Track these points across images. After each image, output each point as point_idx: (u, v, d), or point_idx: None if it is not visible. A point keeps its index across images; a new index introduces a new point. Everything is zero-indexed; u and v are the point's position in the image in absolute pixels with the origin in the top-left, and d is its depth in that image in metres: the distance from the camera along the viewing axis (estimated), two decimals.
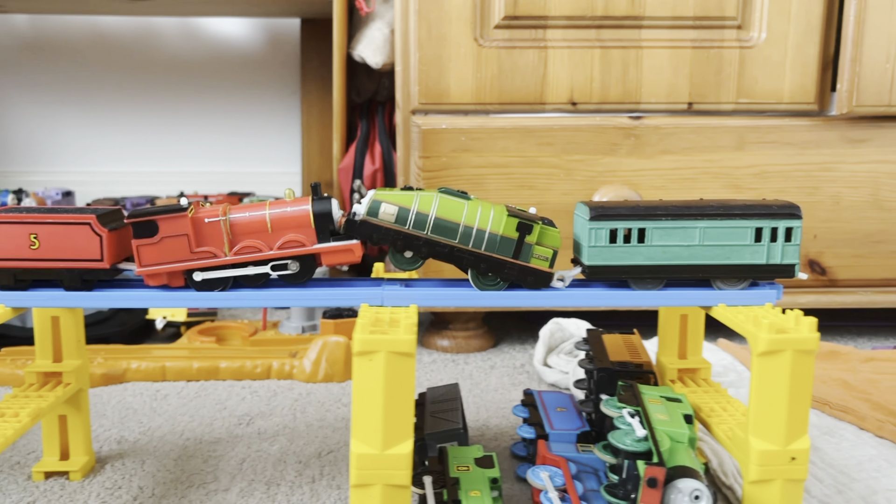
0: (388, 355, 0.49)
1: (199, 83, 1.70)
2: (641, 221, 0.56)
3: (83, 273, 0.55)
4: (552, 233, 0.56)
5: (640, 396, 0.58)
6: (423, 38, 0.97)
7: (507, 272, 0.55)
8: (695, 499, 0.47)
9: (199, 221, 0.55)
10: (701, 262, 0.56)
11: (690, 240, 0.56)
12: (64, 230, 0.55)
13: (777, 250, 0.57)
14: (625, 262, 0.56)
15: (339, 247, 0.56)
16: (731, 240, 0.56)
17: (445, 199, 0.55)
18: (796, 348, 0.50)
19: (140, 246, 0.54)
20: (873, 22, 0.95)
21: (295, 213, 0.55)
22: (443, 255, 0.55)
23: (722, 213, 0.56)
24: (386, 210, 0.55)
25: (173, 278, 0.55)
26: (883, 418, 0.78)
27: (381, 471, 0.50)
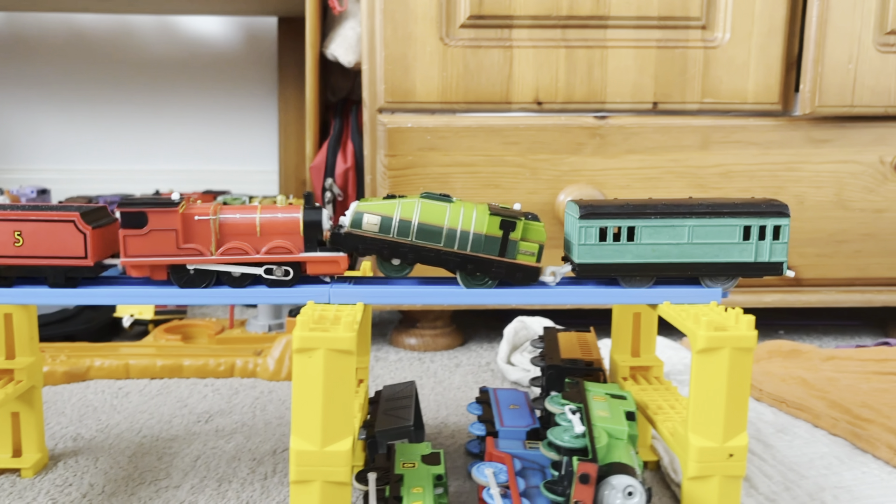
0: (327, 352, 0.49)
1: (176, 81, 1.70)
2: (631, 220, 0.56)
3: (67, 270, 0.55)
4: (536, 227, 0.57)
5: (584, 393, 0.58)
6: (388, 36, 0.97)
7: (494, 270, 0.56)
8: (628, 495, 0.48)
9: (188, 218, 0.55)
10: (690, 261, 0.57)
11: (679, 238, 0.57)
12: (48, 227, 0.55)
13: (765, 248, 0.57)
14: (614, 261, 0.57)
15: (325, 258, 0.56)
16: (720, 238, 0.57)
17: (427, 204, 0.56)
18: (734, 346, 0.50)
19: (127, 236, 0.54)
20: (835, 23, 0.96)
21: (285, 220, 0.56)
22: (430, 260, 0.56)
23: (710, 212, 0.56)
24: (369, 220, 0.55)
25: (156, 272, 0.55)
26: (838, 416, 0.79)
27: (321, 467, 0.50)
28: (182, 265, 0.55)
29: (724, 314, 0.53)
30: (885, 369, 0.92)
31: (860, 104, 0.98)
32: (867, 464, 0.70)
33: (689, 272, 0.57)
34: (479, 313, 1.21)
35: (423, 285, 0.59)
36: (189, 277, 0.56)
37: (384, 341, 1.12)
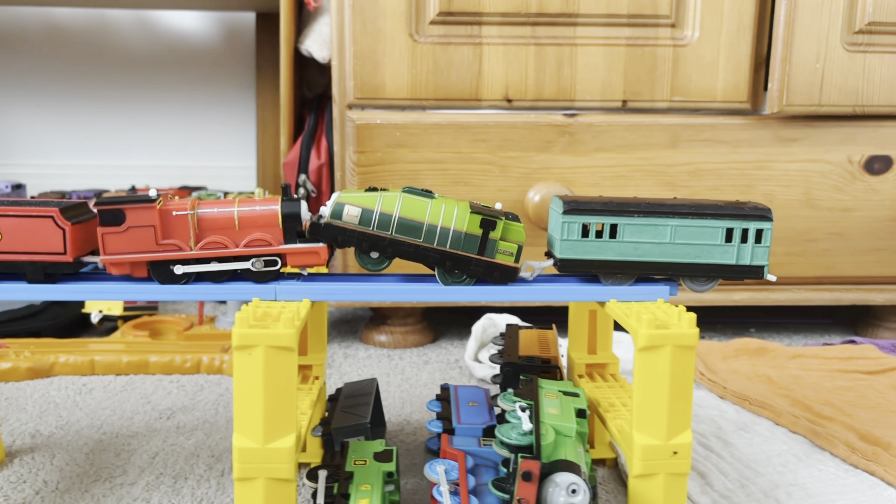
0: (267, 349, 0.49)
1: (153, 77, 1.69)
2: (614, 217, 0.56)
3: (46, 266, 0.55)
4: (516, 228, 0.57)
5: (536, 391, 0.58)
6: (357, 32, 0.97)
7: (472, 268, 0.56)
8: (571, 492, 0.48)
9: (166, 214, 0.55)
10: (671, 260, 0.57)
11: (661, 237, 0.56)
12: (27, 223, 0.54)
13: (747, 251, 0.57)
14: (596, 257, 0.57)
15: (305, 248, 0.56)
16: (702, 239, 0.57)
17: (409, 199, 0.55)
18: (676, 343, 0.50)
19: (105, 234, 0.54)
20: (803, 22, 0.96)
21: (263, 213, 0.55)
22: (409, 255, 0.56)
23: (693, 213, 0.56)
24: (350, 212, 0.55)
25: (136, 268, 0.55)
26: (799, 414, 0.79)
27: (264, 465, 0.50)
28: (162, 261, 0.55)
29: (668, 312, 0.53)
30: (849, 367, 0.93)
31: (828, 103, 0.99)
32: (824, 461, 0.70)
33: (670, 272, 0.57)
34: (452, 310, 1.21)
35: (373, 282, 0.59)
36: (169, 274, 0.55)
37: (355, 338, 1.12)
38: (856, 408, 0.81)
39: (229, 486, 0.65)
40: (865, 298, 1.07)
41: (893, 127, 1.02)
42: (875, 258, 1.06)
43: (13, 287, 0.56)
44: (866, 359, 0.94)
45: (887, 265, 1.06)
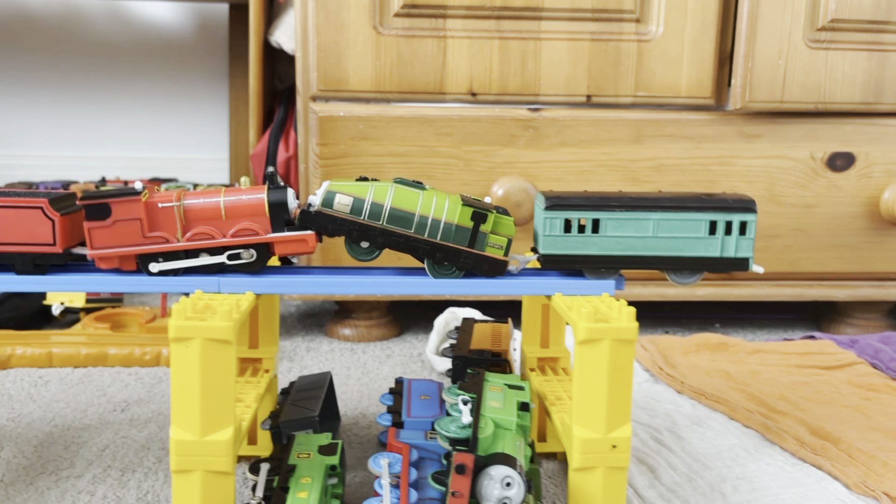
0: (203, 342, 0.48)
1: (126, 68, 1.67)
2: (596, 212, 0.56)
3: (35, 257, 0.55)
4: (506, 221, 0.57)
5: (481, 384, 0.58)
6: (321, 24, 0.96)
7: (462, 261, 0.56)
8: (506, 486, 0.48)
9: (152, 206, 0.54)
10: (654, 254, 0.57)
11: (644, 231, 0.56)
12: (15, 214, 0.54)
13: (731, 244, 0.57)
14: (579, 252, 0.57)
15: (293, 237, 0.55)
16: (685, 232, 0.57)
17: (400, 190, 0.55)
18: (614, 337, 0.50)
19: (92, 228, 0.54)
20: (766, 19, 0.97)
21: (250, 202, 0.55)
22: (399, 245, 0.56)
23: (676, 206, 0.56)
24: (341, 201, 0.55)
25: (125, 262, 0.55)
26: (753, 408, 0.80)
27: (201, 457, 0.50)
28: (150, 254, 0.55)
29: (609, 306, 0.53)
30: (807, 363, 0.93)
31: (790, 100, 0.99)
32: (773, 456, 0.71)
33: (654, 266, 0.57)
34: (418, 304, 1.21)
35: (317, 275, 0.58)
36: (156, 265, 0.55)
37: (320, 332, 1.11)
38: (810, 402, 0.82)
39: None
40: (827, 294, 1.08)
41: (855, 124, 1.02)
42: (837, 254, 1.06)
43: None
44: (824, 354, 0.95)
45: (849, 261, 1.07)
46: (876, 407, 0.81)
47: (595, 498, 0.52)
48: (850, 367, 0.92)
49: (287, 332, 1.11)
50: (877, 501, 0.62)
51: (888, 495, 0.62)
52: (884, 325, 1.14)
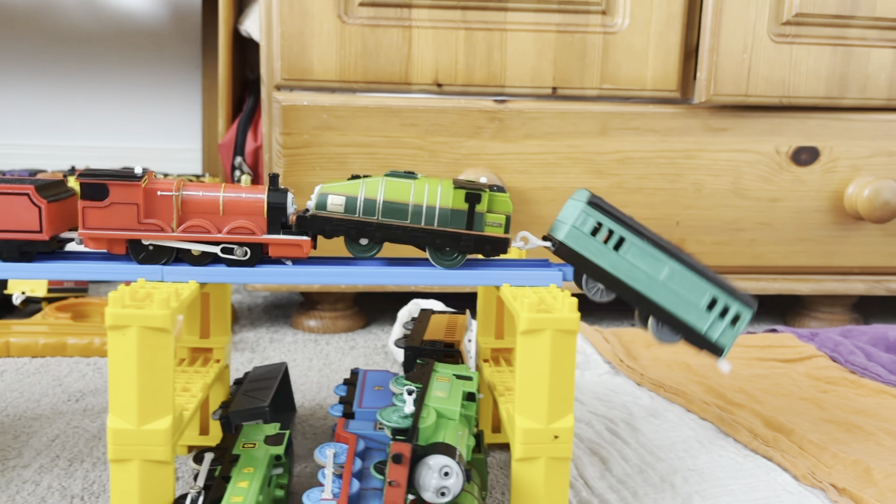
0: (140, 330, 0.48)
1: (97, 56, 1.66)
2: (627, 231, 0.56)
3: (21, 244, 0.54)
4: (502, 198, 0.56)
5: (429, 374, 0.58)
6: (285, 12, 0.95)
7: (463, 244, 0.56)
8: (444, 475, 0.47)
9: (151, 193, 0.54)
10: (653, 298, 0.57)
11: (657, 272, 0.56)
12: (1, 200, 0.53)
13: (718, 327, 0.57)
14: (593, 259, 0.56)
15: (288, 240, 0.55)
16: (689, 293, 0.57)
17: (392, 182, 0.55)
18: (556, 328, 0.50)
19: (87, 208, 0.53)
20: (731, 12, 0.97)
21: (249, 200, 0.55)
22: (397, 237, 0.55)
23: (693, 266, 0.57)
24: (333, 201, 0.55)
25: (115, 245, 0.54)
26: (710, 401, 0.80)
27: (138, 446, 0.49)
28: (139, 240, 0.54)
29: (554, 296, 0.53)
30: (767, 355, 0.94)
31: (755, 94, 0.99)
32: (726, 447, 0.71)
33: (647, 310, 0.57)
34: (385, 296, 1.21)
35: (266, 265, 0.58)
36: (148, 253, 0.55)
37: (286, 323, 1.11)
38: (768, 395, 0.82)
39: None
40: (792, 288, 1.09)
41: (820, 118, 1.03)
42: (801, 248, 1.07)
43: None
44: (784, 347, 0.95)
45: (813, 255, 1.07)
46: (832, 399, 0.82)
47: (537, 488, 0.52)
48: (809, 360, 0.93)
49: (252, 323, 1.10)
50: (823, 492, 0.62)
51: (835, 486, 0.62)
52: (847, 318, 1.14)
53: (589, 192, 0.57)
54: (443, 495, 0.47)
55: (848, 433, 0.73)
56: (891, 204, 1.01)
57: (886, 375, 0.86)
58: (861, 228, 1.07)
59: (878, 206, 1.01)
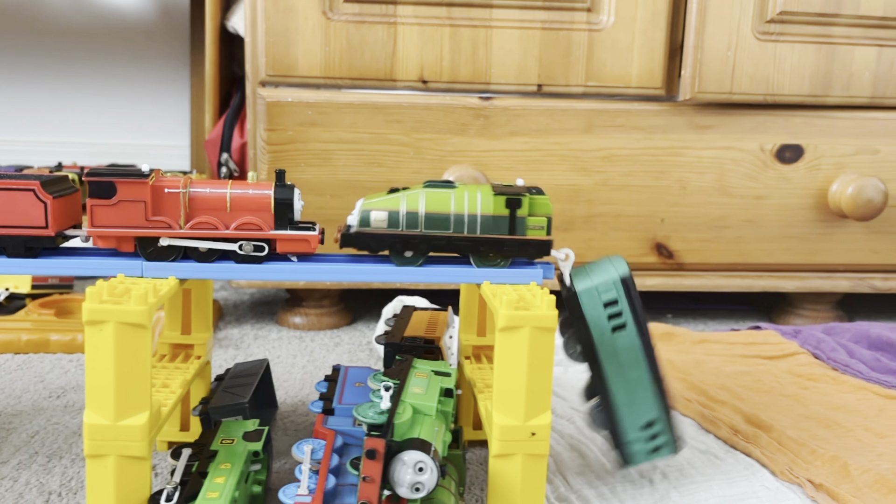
0: (118, 325, 0.48)
1: (85, 52, 1.65)
2: (633, 322, 0.57)
3: (27, 240, 0.54)
4: (542, 201, 0.56)
5: (407, 370, 0.58)
6: (269, 8, 0.95)
7: (507, 249, 0.56)
8: (419, 470, 0.48)
9: (158, 190, 0.54)
10: (611, 388, 0.58)
11: (629, 370, 0.58)
12: (7, 196, 0.53)
13: (640, 445, 0.60)
14: (591, 325, 0.57)
15: (297, 235, 0.55)
16: (641, 402, 0.59)
17: (432, 193, 0.56)
18: (534, 325, 0.50)
19: (95, 206, 0.53)
20: (715, 10, 0.97)
21: (256, 196, 0.55)
22: (441, 247, 0.56)
23: (659, 384, 0.59)
24: (377, 217, 0.55)
25: (123, 243, 0.54)
26: (692, 397, 0.80)
27: (115, 442, 0.49)
28: (147, 238, 0.54)
29: (532, 294, 0.53)
30: (750, 353, 0.94)
31: (739, 91, 1.00)
32: (707, 443, 0.72)
33: (599, 391, 0.59)
34: (372, 293, 1.21)
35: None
36: (156, 250, 0.55)
37: (272, 320, 1.11)
38: (750, 392, 0.83)
39: None
40: (776, 285, 1.09)
41: (804, 116, 1.03)
42: (786, 246, 1.07)
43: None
44: (767, 344, 0.96)
45: (798, 253, 1.08)
46: (813, 396, 0.82)
47: (514, 485, 0.52)
48: (791, 356, 0.93)
49: (238, 320, 1.10)
50: (801, 488, 0.63)
51: (812, 482, 0.63)
52: (832, 316, 1.15)
53: (627, 266, 0.58)
54: (417, 490, 0.48)
55: (827, 429, 0.73)
56: (874, 202, 1.01)
57: (867, 372, 0.87)
58: (845, 226, 1.07)
59: (862, 203, 1.02)
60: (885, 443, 0.70)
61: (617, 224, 1.04)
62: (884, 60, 1.02)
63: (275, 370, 0.89)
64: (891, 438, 0.71)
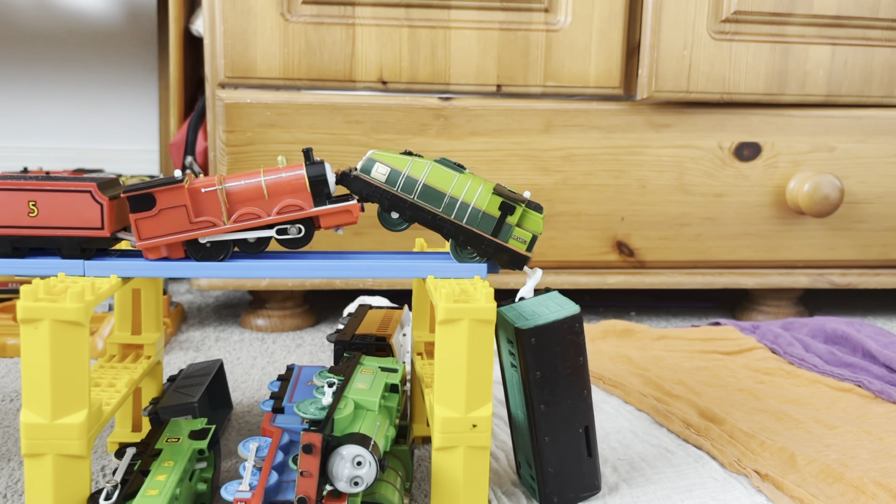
0: (53, 323, 0.48)
1: (52, 57, 1.64)
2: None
3: (83, 241, 0.54)
4: (534, 217, 0.57)
5: (353, 367, 0.58)
6: (227, 10, 0.95)
7: (483, 248, 0.56)
8: (357, 464, 0.48)
9: (196, 191, 0.54)
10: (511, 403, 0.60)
11: (514, 403, 0.59)
12: (64, 197, 0.54)
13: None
14: (503, 353, 0.59)
15: (338, 208, 0.56)
16: (522, 433, 0.59)
17: (437, 168, 0.56)
18: (473, 317, 0.51)
19: (139, 220, 0.54)
20: (670, 10, 0.98)
21: (291, 178, 0.55)
22: (426, 221, 0.56)
23: (534, 429, 0.58)
24: (378, 170, 0.56)
25: (173, 250, 0.55)
26: (648, 392, 0.81)
27: (52, 440, 0.49)
28: (196, 239, 0.55)
29: (472, 288, 0.53)
30: (709, 348, 0.95)
31: (696, 90, 1.01)
32: (660, 437, 0.72)
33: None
34: (336, 294, 1.21)
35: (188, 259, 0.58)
36: (206, 250, 0.55)
37: (235, 322, 1.11)
38: (706, 386, 0.84)
39: None
40: (737, 282, 1.10)
41: (761, 115, 1.05)
42: (746, 243, 1.09)
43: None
44: (726, 340, 0.97)
45: (758, 250, 1.09)
46: (768, 390, 0.83)
47: (456, 477, 0.52)
48: (749, 351, 0.94)
49: (200, 322, 1.10)
50: (747, 479, 0.63)
51: (758, 472, 0.63)
52: (793, 312, 1.16)
53: (559, 316, 0.57)
54: (356, 485, 0.48)
55: (779, 422, 0.74)
56: (830, 198, 1.03)
57: (822, 366, 0.88)
58: (803, 223, 1.09)
59: (818, 200, 1.03)
60: (834, 434, 0.71)
61: (577, 223, 1.04)
62: (838, 59, 1.03)
63: (234, 372, 0.88)
64: (840, 429, 0.72)
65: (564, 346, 0.57)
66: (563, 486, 0.58)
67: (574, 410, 0.58)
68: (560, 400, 0.57)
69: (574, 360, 0.57)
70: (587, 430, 0.59)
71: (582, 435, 0.59)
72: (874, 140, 1.07)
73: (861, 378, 0.83)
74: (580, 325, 0.57)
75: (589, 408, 0.59)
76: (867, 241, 1.10)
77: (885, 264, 1.12)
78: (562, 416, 0.58)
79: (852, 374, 0.85)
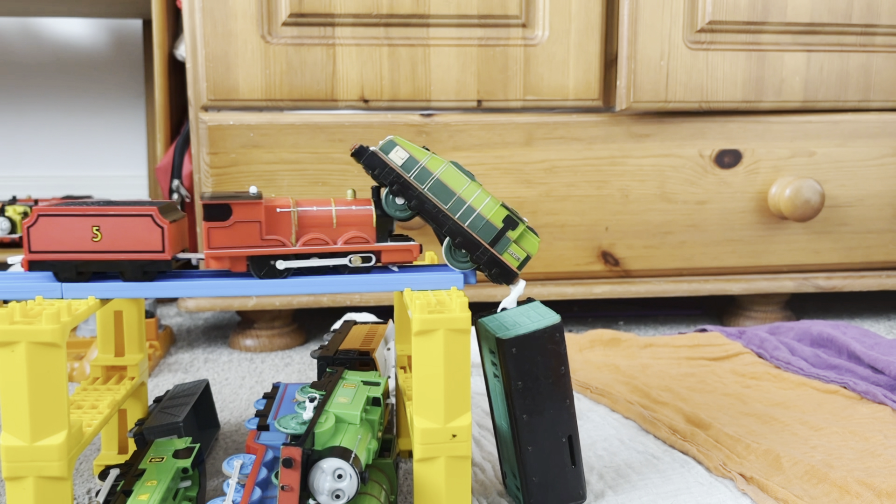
0: (29, 345, 0.48)
1: (40, 85, 1.65)
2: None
3: (145, 265, 0.55)
4: (532, 239, 0.58)
5: (335, 381, 0.59)
6: (208, 34, 0.96)
7: (478, 255, 0.57)
8: (337, 478, 0.48)
9: (271, 210, 0.56)
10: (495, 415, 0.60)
11: (499, 414, 0.60)
12: (126, 222, 0.55)
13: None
14: (485, 362, 0.59)
15: (401, 246, 0.58)
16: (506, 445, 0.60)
17: (452, 169, 0.57)
18: (448, 327, 0.51)
19: (211, 228, 0.55)
20: (646, 21, 0.99)
21: (359, 212, 0.58)
22: (429, 215, 0.57)
23: (518, 440, 0.58)
24: (398, 153, 0.57)
25: (236, 263, 0.56)
26: (635, 400, 0.81)
27: (32, 463, 0.49)
28: (262, 256, 0.56)
29: (447, 298, 0.54)
30: (696, 355, 0.96)
31: (674, 100, 1.02)
32: (646, 444, 0.72)
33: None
34: (325, 312, 1.21)
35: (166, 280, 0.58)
36: (270, 269, 0.56)
37: (224, 343, 1.11)
38: (693, 392, 0.84)
39: None
40: (723, 288, 1.11)
41: (740, 122, 1.06)
42: (730, 249, 1.09)
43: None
44: (712, 346, 0.97)
45: (742, 255, 1.10)
46: (754, 394, 0.83)
47: (438, 488, 0.53)
48: (735, 356, 0.94)
49: (189, 344, 1.10)
50: (732, 482, 0.64)
51: (743, 475, 0.63)
52: (780, 317, 1.17)
53: (541, 326, 0.57)
54: (337, 498, 0.48)
55: (765, 425, 0.74)
56: (811, 202, 1.04)
57: (808, 369, 0.88)
58: (786, 227, 1.09)
59: (800, 204, 1.04)
60: (820, 435, 0.72)
61: (562, 234, 1.05)
62: (813, 65, 1.04)
63: (222, 392, 0.88)
64: (825, 431, 0.72)
65: (546, 355, 0.57)
66: (547, 495, 0.59)
67: (557, 420, 0.58)
68: (542, 409, 0.57)
69: (556, 370, 0.58)
70: (570, 440, 0.59)
71: (565, 444, 0.59)
72: (852, 143, 1.08)
73: (846, 379, 0.84)
74: (561, 335, 0.58)
75: (572, 417, 0.59)
76: (850, 244, 1.11)
77: (868, 266, 1.13)
78: (544, 426, 0.58)
79: (838, 376, 0.85)
